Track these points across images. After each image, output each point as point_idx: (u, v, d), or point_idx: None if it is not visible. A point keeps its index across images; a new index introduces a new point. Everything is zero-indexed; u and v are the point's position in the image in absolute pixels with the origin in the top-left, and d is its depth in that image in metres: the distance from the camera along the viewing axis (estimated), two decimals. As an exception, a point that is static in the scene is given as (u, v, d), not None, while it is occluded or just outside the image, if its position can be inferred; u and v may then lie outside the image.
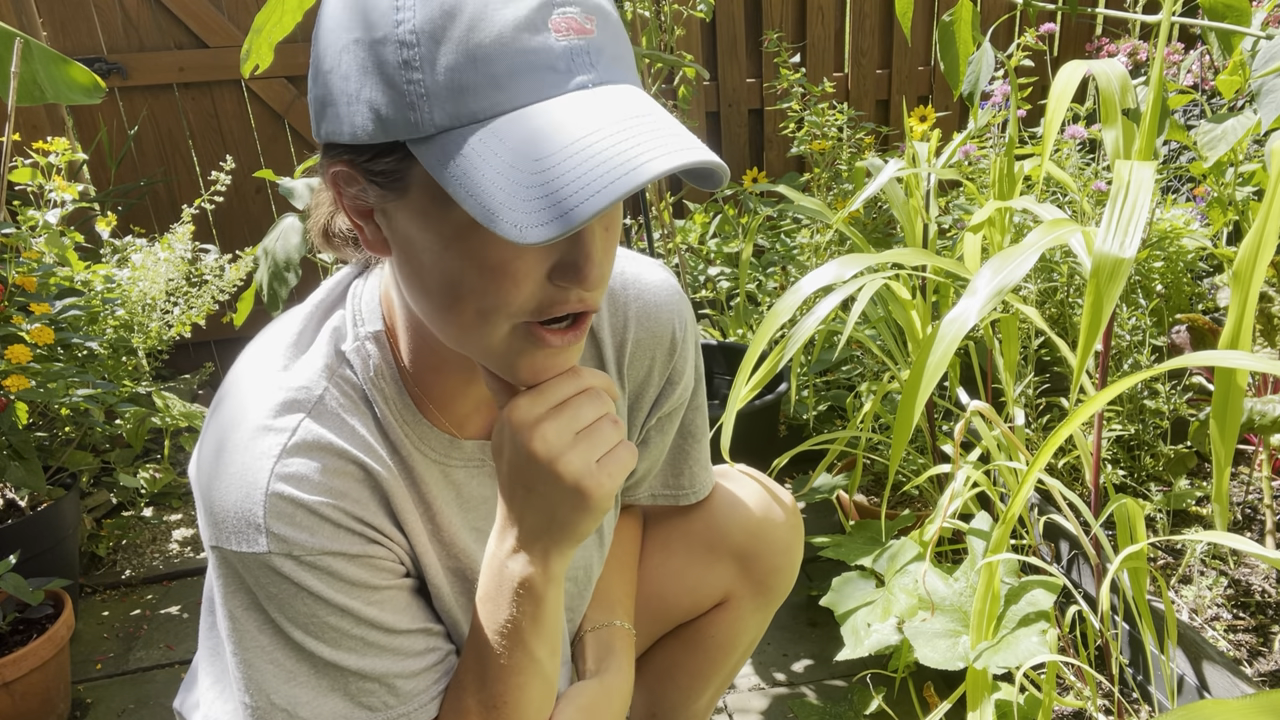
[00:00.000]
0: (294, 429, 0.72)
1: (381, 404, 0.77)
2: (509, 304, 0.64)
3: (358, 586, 0.74)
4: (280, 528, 0.70)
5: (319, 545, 0.71)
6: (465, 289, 0.64)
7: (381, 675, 0.75)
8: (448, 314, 0.66)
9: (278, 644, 0.73)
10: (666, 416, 1.00)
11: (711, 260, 2.77)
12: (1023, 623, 1.16)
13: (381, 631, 0.75)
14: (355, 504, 0.74)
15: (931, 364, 1.03)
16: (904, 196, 1.64)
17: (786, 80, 2.57)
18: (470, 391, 0.81)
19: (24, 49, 1.78)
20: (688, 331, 0.97)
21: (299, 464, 0.71)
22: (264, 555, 0.69)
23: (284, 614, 0.72)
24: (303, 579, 0.71)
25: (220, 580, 0.73)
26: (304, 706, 0.74)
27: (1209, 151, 1.26)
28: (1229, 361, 0.90)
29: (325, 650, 0.73)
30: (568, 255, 0.63)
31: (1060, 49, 3.43)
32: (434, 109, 0.57)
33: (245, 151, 3.11)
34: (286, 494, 0.70)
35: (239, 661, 0.74)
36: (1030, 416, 1.77)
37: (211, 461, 0.72)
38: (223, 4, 2.94)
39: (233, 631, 0.73)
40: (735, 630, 1.13)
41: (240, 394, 0.75)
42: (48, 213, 2.02)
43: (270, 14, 1.38)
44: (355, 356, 0.77)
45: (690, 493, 1.07)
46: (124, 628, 1.92)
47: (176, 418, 2.05)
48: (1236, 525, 1.60)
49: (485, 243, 0.61)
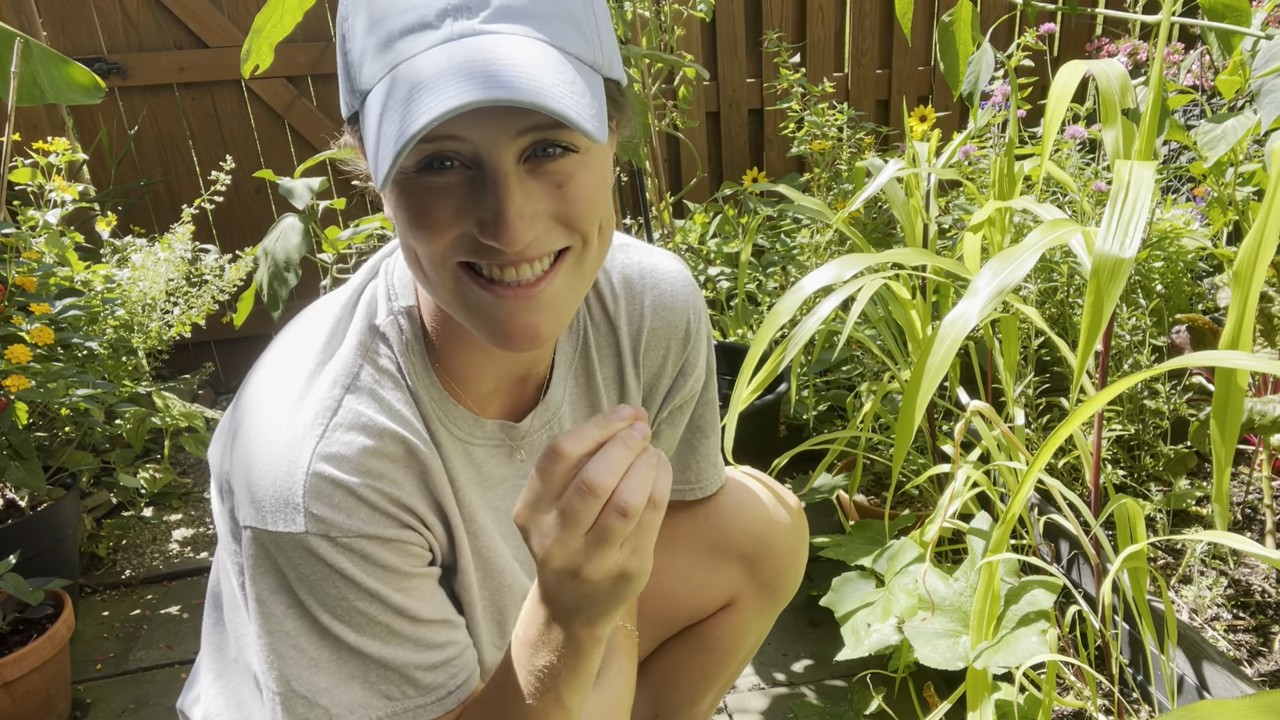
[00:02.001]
0: (335, 408, 0.73)
1: (413, 378, 0.78)
2: (439, 249, 0.67)
3: (389, 571, 0.74)
4: (319, 508, 0.70)
5: (355, 528, 0.71)
6: (410, 237, 0.67)
7: (403, 665, 0.75)
8: (413, 266, 0.70)
9: (303, 629, 0.73)
10: (678, 409, 1.00)
11: (711, 260, 2.76)
12: (1023, 623, 1.16)
13: (407, 620, 0.75)
14: (393, 485, 0.74)
15: (933, 365, 1.03)
16: (904, 196, 1.64)
17: (786, 80, 2.57)
18: (490, 369, 0.81)
19: (24, 49, 1.78)
20: (701, 323, 0.97)
21: (340, 444, 0.71)
22: (301, 536, 0.70)
23: (314, 596, 0.72)
24: (336, 561, 0.71)
25: (251, 562, 0.72)
26: (324, 694, 0.74)
27: (1209, 151, 1.26)
28: (1229, 361, 0.90)
29: (350, 635, 0.73)
30: (485, 210, 0.64)
31: (1060, 49, 3.43)
32: (360, 74, 0.64)
33: (245, 151, 3.11)
34: (327, 474, 0.70)
35: (263, 646, 0.74)
36: (1030, 416, 1.77)
37: (250, 441, 0.72)
38: (223, 4, 2.94)
39: (259, 615, 0.73)
40: (739, 633, 1.13)
41: (278, 374, 0.76)
42: (48, 213, 2.02)
43: (270, 14, 1.38)
44: (390, 330, 0.78)
45: (698, 488, 1.07)
46: (124, 628, 1.92)
47: (176, 418, 2.05)
48: (1236, 525, 1.60)
49: (412, 189, 0.65)
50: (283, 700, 0.74)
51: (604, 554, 0.61)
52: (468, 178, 0.64)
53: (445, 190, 0.64)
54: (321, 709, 0.74)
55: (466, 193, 0.64)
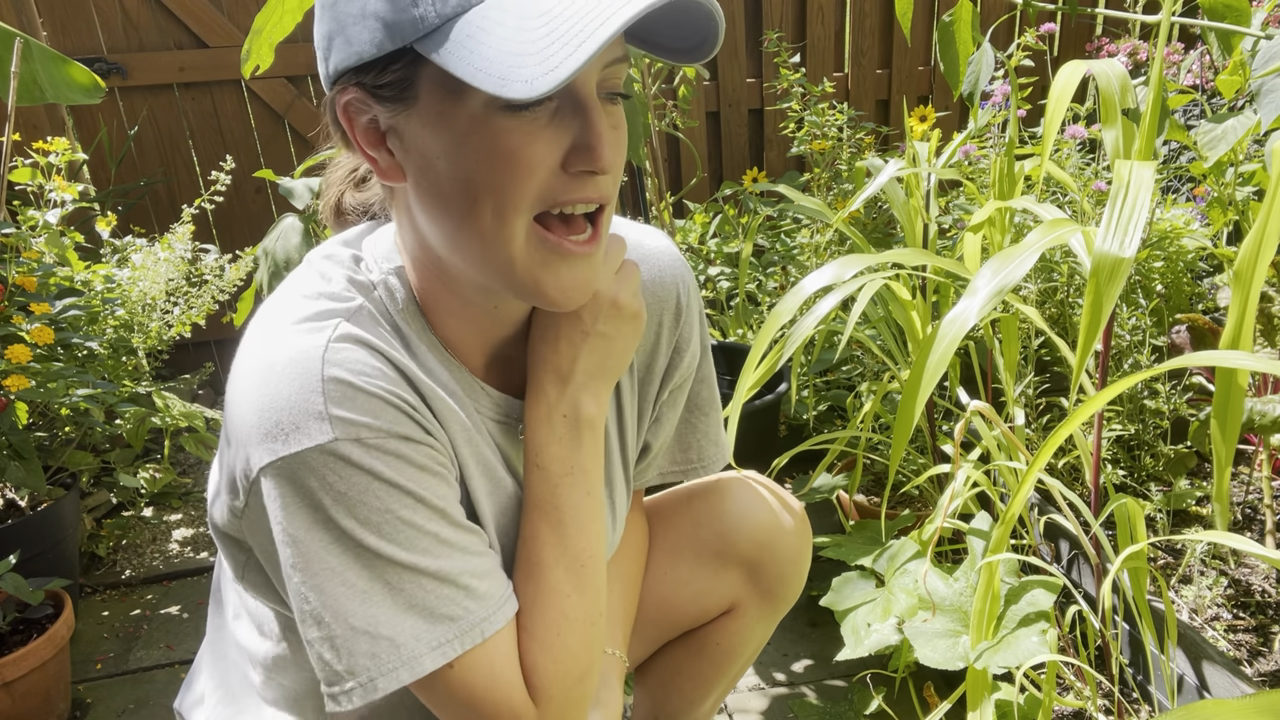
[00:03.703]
0: (335, 326, 0.71)
1: (412, 334, 0.77)
2: (525, 194, 0.66)
3: (426, 472, 0.71)
4: (343, 411, 0.67)
5: (384, 426, 0.68)
6: (482, 187, 0.66)
7: (457, 575, 0.72)
8: (466, 222, 0.68)
9: (348, 561, 0.68)
10: (678, 388, 0.98)
11: (711, 260, 2.76)
12: (1023, 623, 1.16)
13: (452, 526, 0.73)
14: (407, 393, 0.72)
15: (931, 364, 1.02)
16: (904, 196, 1.64)
17: (786, 80, 2.57)
18: (487, 342, 0.81)
19: (24, 49, 1.78)
20: (691, 297, 0.96)
21: (348, 352, 0.69)
22: (331, 444, 0.66)
23: (355, 517, 0.68)
24: (373, 465, 0.68)
25: (279, 505, 0.68)
26: (385, 624, 0.69)
27: (1209, 151, 1.26)
28: (1229, 361, 0.90)
29: (401, 554, 0.69)
30: (580, 138, 0.66)
31: (1060, 49, 3.43)
32: (435, 1, 0.61)
33: (245, 151, 3.11)
34: (343, 378, 0.68)
35: (309, 590, 0.69)
36: (1030, 416, 1.77)
37: (256, 380, 0.70)
38: (223, 4, 2.94)
39: (298, 560, 0.68)
40: (741, 638, 1.12)
41: (270, 323, 0.73)
42: (48, 213, 2.02)
43: (270, 14, 1.38)
44: (383, 289, 0.76)
45: (699, 467, 1.05)
46: (124, 628, 1.92)
47: (176, 418, 2.05)
48: (1236, 525, 1.60)
49: (496, 131, 0.64)
50: (342, 643, 0.69)
51: (632, 280, 0.80)
52: (549, 110, 0.66)
53: (533, 126, 0.65)
54: (386, 640, 0.69)
55: (551, 128, 0.66)
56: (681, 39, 0.68)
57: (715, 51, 0.67)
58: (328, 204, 0.86)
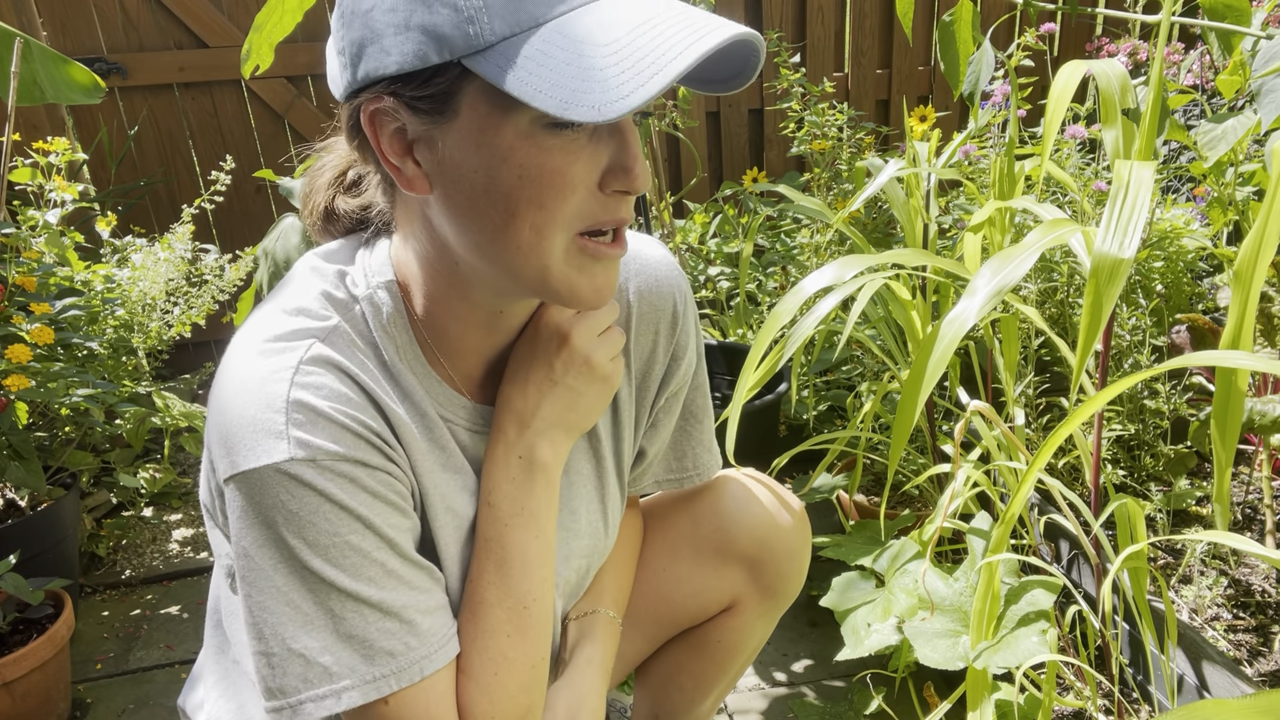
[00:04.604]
0: (308, 347, 0.72)
1: (392, 351, 0.77)
2: (565, 213, 0.68)
3: (378, 500, 0.72)
4: (302, 434, 0.68)
5: (342, 451, 0.70)
6: (521, 204, 0.67)
7: (401, 609, 0.72)
8: (503, 236, 0.69)
9: (294, 583, 0.69)
10: (673, 396, 0.99)
11: (711, 260, 2.76)
12: (1023, 623, 1.16)
13: (400, 558, 0.73)
14: (373, 420, 0.73)
15: (931, 363, 1.02)
16: (904, 196, 1.64)
17: (786, 80, 2.57)
18: (484, 350, 0.82)
19: (24, 49, 1.78)
20: (688, 305, 0.97)
21: (317, 375, 0.71)
22: (285, 463, 0.67)
23: (304, 538, 0.69)
24: (325, 487, 0.69)
25: (237, 516, 0.70)
26: (321, 651, 0.70)
27: (1209, 151, 1.26)
28: (1230, 361, 0.90)
29: (344, 580, 0.70)
30: (617, 159, 0.68)
31: (1060, 49, 3.43)
32: (493, 19, 0.62)
33: (245, 151, 3.11)
34: (307, 401, 0.69)
35: (253, 605, 0.70)
36: (1030, 416, 1.77)
37: (229, 394, 0.71)
38: (223, 4, 2.94)
39: (248, 573, 0.70)
40: (741, 635, 1.12)
41: (249, 338, 0.74)
42: (48, 213, 2.02)
43: (270, 14, 1.38)
44: (367, 305, 0.77)
45: (694, 475, 1.06)
46: (124, 628, 1.92)
47: (176, 418, 2.05)
48: (1237, 525, 1.60)
49: (541, 149, 0.65)
50: (278, 662, 0.70)
51: (612, 346, 0.83)
52: (588, 130, 0.67)
53: (574, 145, 0.66)
54: (319, 667, 0.70)
55: (590, 147, 0.67)
56: (718, 69, 0.69)
57: (749, 83, 0.69)
58: (315, 209, 0.84)
